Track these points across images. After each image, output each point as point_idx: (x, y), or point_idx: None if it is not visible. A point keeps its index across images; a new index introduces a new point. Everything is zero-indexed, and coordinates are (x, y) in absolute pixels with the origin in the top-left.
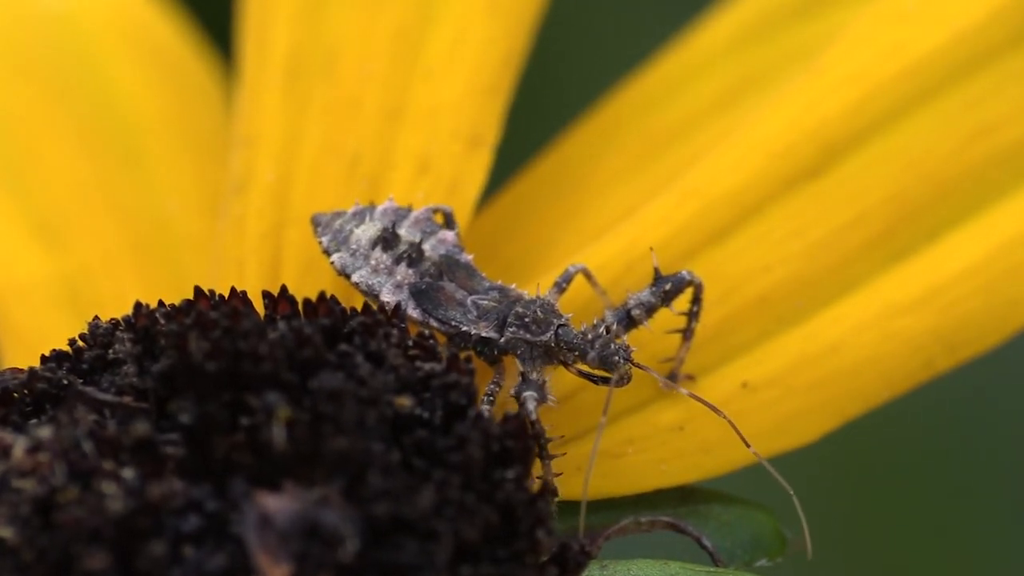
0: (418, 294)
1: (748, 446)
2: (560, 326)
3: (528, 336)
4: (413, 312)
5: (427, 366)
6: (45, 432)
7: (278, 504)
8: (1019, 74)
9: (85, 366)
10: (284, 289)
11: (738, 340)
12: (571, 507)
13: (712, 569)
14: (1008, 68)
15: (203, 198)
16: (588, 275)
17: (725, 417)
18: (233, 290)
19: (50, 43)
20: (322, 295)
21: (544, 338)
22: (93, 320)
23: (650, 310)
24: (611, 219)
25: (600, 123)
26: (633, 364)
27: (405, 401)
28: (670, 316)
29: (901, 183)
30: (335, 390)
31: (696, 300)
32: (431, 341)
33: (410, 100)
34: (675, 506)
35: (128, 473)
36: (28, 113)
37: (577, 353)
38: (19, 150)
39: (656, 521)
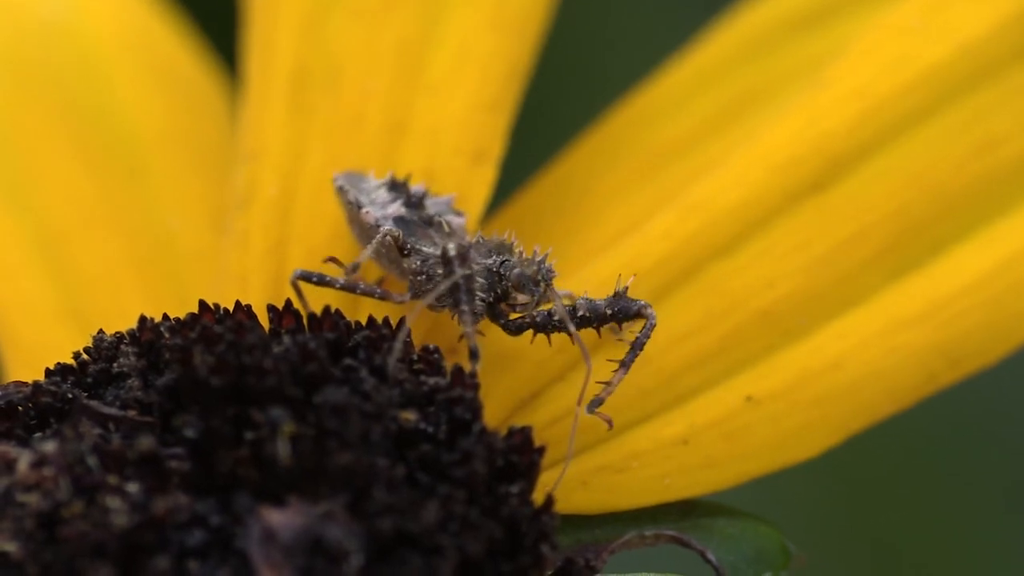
0: (400, 220)
1: (587, 358)
2: (507, 260)
3: (479, 259)
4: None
5: (432, 380)
6: (49, 446)
7: (282, 519)
8: (1022, 88)
9: (90, 380)
10: (289, 303)
11: (742, 354)
12: (575, 521)
13: None
14: (1012, 82)
15: (207, 213)
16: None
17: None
18: (238, 304)
19: (52, 55)
20: (327, 309)
21: (489, 262)
22: (98, 334)
23: (597, 317)
24: (615, 233)
25: (603, 137)
26: (549, 287)
27: (410, 415)
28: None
29: (904, 197)
30: (339, 405)
31: (645, 332)
32: (436, 355)
33: (414, 115)
34: (679, 520)
35: (133, 487)
36: (30, 127)
37: (508, 278)
38: (21, 164)
39: (660, 535)
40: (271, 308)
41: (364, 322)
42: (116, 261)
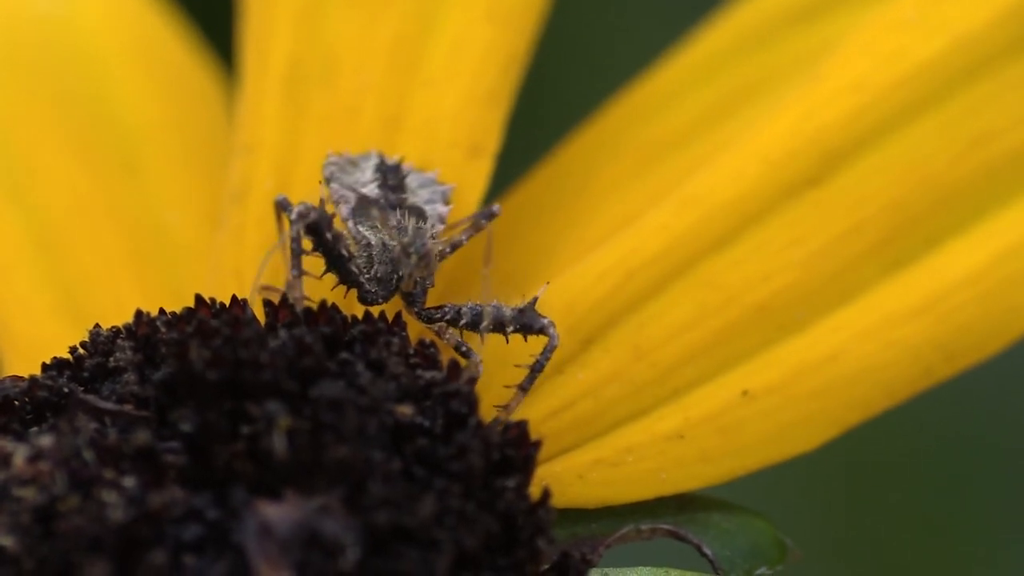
0: (362, 198)
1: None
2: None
3: (384, 237)
4: (343, 211)
5: (428, 374)
6: (46, 440)
7: (279, 513)
8: (1018, 82)
9: (86, 374)
10: (284, 297)
11: (738, 349)
12: (572, 515)
13: None
14: (1008, 75)
15: (203, 207)
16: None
17: None
18: (234, 298)
19: (48, 49)
20: (323, 303)
21: (392, 243)
22: (94, 328)
23: (500, 327)
24: (611, 227)
25: (600, 131)
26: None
27: (406, 410)
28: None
29: (900, 191)
30: (336, 399)
31: (545, 354)
32: (432, 350)
33: (409, 108)
34: (675, 514)
35: (129, 482)
36: (26, 119)
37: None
38: (17, 158)
39: (657, 529)
40: (267, 302)
41: (360, 316)
42: (112, 255)
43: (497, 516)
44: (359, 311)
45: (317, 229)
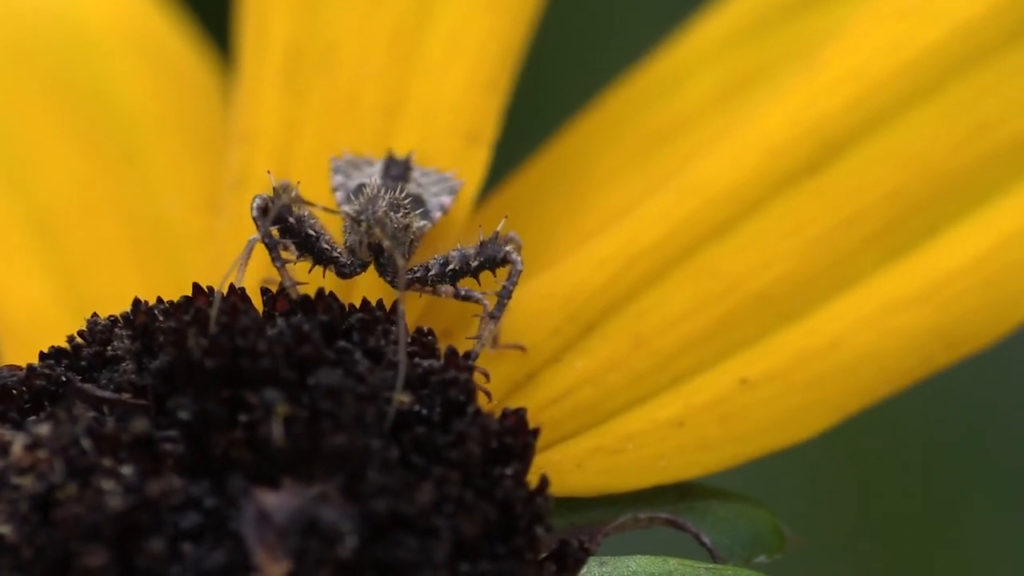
0: (360, 186)
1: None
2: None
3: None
4: (339, 196)
5: (426, 363)
6: (44, 429)
7: (277, 501)
8: (1018, 70)
9: (84, 363)
10: (283, 286)
11: (737, 337)
12: (571, 503)
13: (711, 565)
14: (1007, 64)
15: (202, 195)
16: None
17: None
18: (232, 287)
19: (47, 40)
20: (320, 292)
21: (350, 211)
22: (92, 317)
23: (468, 268)
24: (610, 216)
25: (599, 119)
26: (376, 226)
27: (404, 398)
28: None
29: (899, 179)
30: (334, 387)
31: (511, 280)
32: (430, 338)
33: (408, 96)
34: (674, 502)
35: (127, 470)
36: (25, 109)
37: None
38: (17, 146)
39: (655, 517)
40: (265, 291)
41: (358, 304)
42: (111, 244)
43: (495, 504)
44: (357, 300)
45: (279, 217)
